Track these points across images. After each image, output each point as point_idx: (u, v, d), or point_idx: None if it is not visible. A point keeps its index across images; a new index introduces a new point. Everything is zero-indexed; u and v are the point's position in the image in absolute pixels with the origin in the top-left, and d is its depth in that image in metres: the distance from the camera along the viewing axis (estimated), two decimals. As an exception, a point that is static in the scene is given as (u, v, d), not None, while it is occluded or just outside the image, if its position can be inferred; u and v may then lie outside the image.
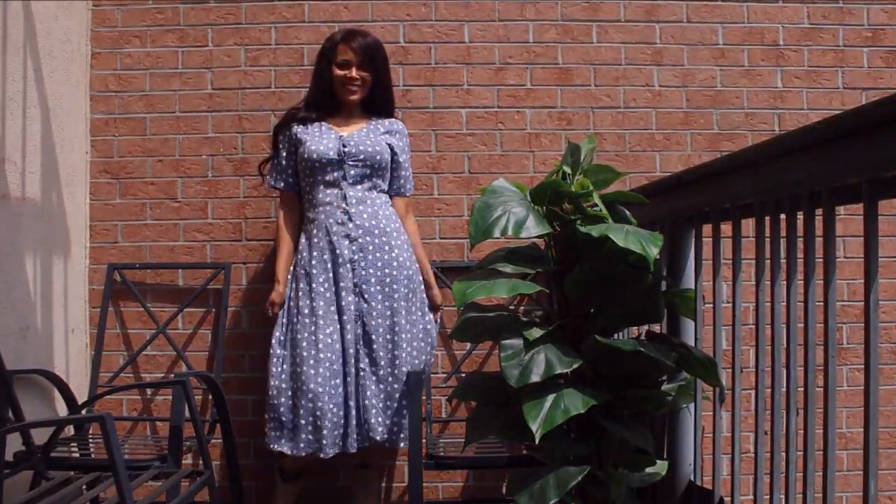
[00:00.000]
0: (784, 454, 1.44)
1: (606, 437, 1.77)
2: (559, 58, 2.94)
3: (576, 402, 1.65)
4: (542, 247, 1.92)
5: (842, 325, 2.89)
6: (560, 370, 1.67)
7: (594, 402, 1.66)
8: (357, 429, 2.40)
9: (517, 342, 1.72)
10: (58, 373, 2.53)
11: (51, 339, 2.58)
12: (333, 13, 2.91)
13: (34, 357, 2.46)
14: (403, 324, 2.46)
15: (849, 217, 2.77)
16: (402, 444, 2.42)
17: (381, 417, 2.41)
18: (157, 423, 2.83)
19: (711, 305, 1.76)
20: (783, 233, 1.47)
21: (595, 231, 1.68)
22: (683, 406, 1.86)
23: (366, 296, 2.44)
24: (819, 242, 1.34)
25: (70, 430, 2.53)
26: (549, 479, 1.67)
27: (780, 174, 1.42)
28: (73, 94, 2.77)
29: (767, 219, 1.51)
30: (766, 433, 1.51)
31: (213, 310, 2.86)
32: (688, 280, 1.91)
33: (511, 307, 2.78)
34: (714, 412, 1.74)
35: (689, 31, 2.95)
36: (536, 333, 1.73)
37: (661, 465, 1.85)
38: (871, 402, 1.16)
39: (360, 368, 2.42)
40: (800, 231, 1.40)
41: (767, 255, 1.52)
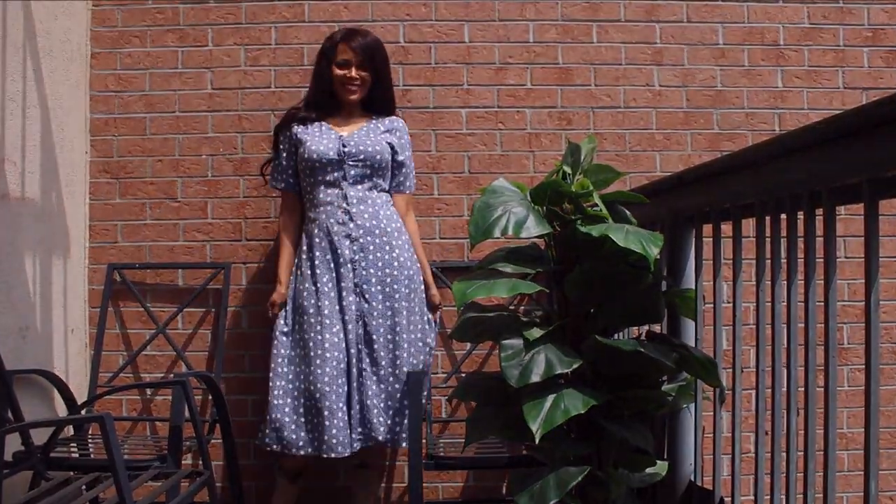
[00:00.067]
0: (785, 454, 1.43)
1: (607, 438, 1.77)
2: (559, 58, 2.94)
3: (576, 403, 1.65)
4: (543, 247, 1.92)
5: (842, 325, 2.88)
6: (560, 370, 1.67)
7: (594, 403, 1.66)
8: (360, 428, 2.40)
9: (517, 342, 1.72)
10: (57, 373, 2.53)
11: (50, 339, 2.58)
12: (333, 13, 2.91)
13: (34, 357, 2.45)
14: (404, 324, 2.46)
15: (849, 217, 2.77)
16: (404, 444, 2.42)
17: (383, 417, 2.41)
18: (157, 424, 2.83)
19: (712, 305, 1.75)
20: (784, 233, 1.47)
21: (595, 231, 1.68)
22: (684, 406, 1.86)
23: (367, 296, 2.44)
24: (819, 242, 1.34)
25: (69, 431, 2.53)
26: (549, 480, 1.67)
27: (781, 174, 1.42)
28: (73, 94, 2.76)
29: (768, 219, 1.51)
30: (767, 433, 1.51)
31: (213, 310, 2.86)
32: (688, 280, 1.90)
33: (511, 307, 2.78)
34: (714, 412, 1.74)
35: (690, 31, 2.95)
36: (536, 333, 1.73)
37: (662, 466, 1.85)
38: (872, 403, 1.16)
39: (362, 368, 2.42)
40: (800, 231, 1.40)
41: (768, 255, 1.52)
